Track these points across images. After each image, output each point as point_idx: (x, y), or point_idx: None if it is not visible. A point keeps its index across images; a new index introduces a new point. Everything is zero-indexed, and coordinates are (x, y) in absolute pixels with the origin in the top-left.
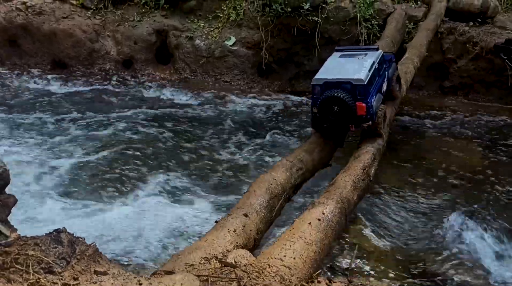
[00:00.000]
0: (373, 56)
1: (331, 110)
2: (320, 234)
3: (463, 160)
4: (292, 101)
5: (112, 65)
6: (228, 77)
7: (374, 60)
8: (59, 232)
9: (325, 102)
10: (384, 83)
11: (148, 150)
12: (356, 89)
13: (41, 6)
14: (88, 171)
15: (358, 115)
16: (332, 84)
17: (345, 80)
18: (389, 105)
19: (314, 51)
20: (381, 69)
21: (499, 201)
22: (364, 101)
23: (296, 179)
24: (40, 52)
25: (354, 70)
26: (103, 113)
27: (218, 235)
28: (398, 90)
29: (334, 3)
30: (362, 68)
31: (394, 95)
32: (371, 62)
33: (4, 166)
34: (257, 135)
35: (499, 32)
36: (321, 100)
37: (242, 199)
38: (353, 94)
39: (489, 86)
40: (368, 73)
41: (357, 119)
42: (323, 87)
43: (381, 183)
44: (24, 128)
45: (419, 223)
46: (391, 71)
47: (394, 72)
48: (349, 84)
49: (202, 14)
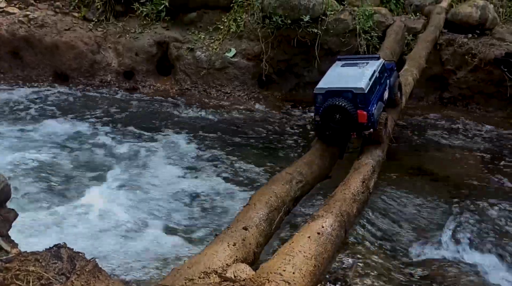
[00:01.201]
0: (374, 65)
1: (333, 118)
2: (320, 248)
3: (462, 171)
4: (292, 111)
5: (113, 77)
6: (228, 89)
7: (375, 69)
8: (59, 247)
9: (327, 110)
10: (386, 92)
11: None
12: (357, 97)
13: (43, 18)
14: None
15: (359, 123)
16: (333, 93)
17: (346, 89)
18: (390, 113)
19: (314, 63)
20: (382, 77)
21: (498, 212)
22: (365, 110)
23: (296, 192)
24: (42, 64)
25: (355, 79)
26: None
27: (218, 249)
28: (400, 98)
29: (333, 15)
30: (363, 77)
31: (396, 103)
32: (372, 71)
33: (6, 180)
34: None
35: (498, 44)
36: (323, 109)
37: (242, 212)
38: (354, 102)
39: (489, 97)
40: (368, 82)
41: (359, 127)
42: (325, 96)
43: (380, 194)
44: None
45: (419, 235)
46: (392, 79)
47: (396, 80)
48: (350, 93)
49: (202, 26)
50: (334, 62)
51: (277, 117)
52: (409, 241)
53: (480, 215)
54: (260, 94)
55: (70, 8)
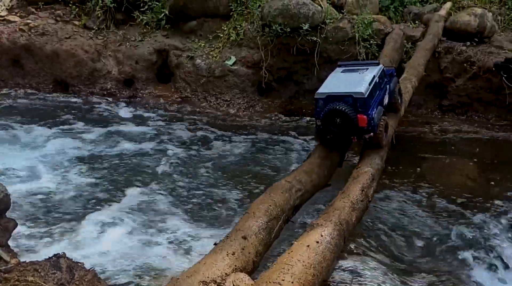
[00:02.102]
0: (374, 71)
1: (334, 123)
2: (319, 257)
3: (461, 179)
4: (290, 118)
5: (113, 85)
6: (228, 96)
7: (375, 74)
8: (58, 257)
9: (328, 115)
10: (386, 96)
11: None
12: (357, 102)
13: (44, 27)
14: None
15: (359, 127)
16: (334, 97)
17: (346, 93)
18: (391, 117)
19: (313, 70)
20: (382, 83)
21: (497, 222)
22: (365, 114)
23: (295, 200)
24: (42, 72)
25: (355, 84)
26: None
27: (217, 258)
28: (400, 103)
29: (332, 23)
30: (362, 82)
31: (395, 108)
32: (371, 76)
33: (5, 190)
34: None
35: (496, 52)
36: (324, 113)
37: (241, 221)
38: (354, 107)
39: (488, 105)
40: (368, 87)
41: (359, 131)
42: (326, 100)
43: (380, 202)
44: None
45: (421, 246)
46: (392, 85)
47: (396, 85)
48: (350, 98)
49: (202, 34)
50: (335, 69)
51: (276, 123)
52: (412, 251)
53: (480, 227)
54: (260, 102)
55: (70, 16)
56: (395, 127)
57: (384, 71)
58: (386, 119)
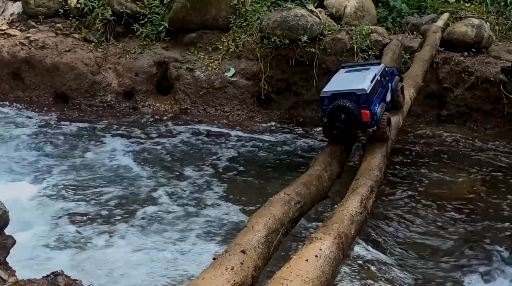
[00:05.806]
0: (375, 70)
1: (339, 119)
2: (317, 271)
3: (460, 189)
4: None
5: (113, 97)
6: (228, 108)
7: (376, 73)
8: (56, 275)
9: (333, 111)
10: (388, 94)
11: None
12: (360, 98)
13: (44, 40)
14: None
15: (363, 121)
16: (338, 95)
17: (350, 91)
18: (394, 114)
19: (312, 81)
20: (384, 81)
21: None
22: (368, 109)
23: (294, 213)
24: (42, 85)
25: (357, 82)
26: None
27: (216, 273)
28: (402, 100)
29: (331, 35)
30: (365, 80)
31: (397, 105)
32: (373, 75)
33: (4, 208)
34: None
35: (494, 62)
36: (329, 110)
37: (240, 235)
38: (357, 103)
39: (486, 114)
40: (370, 84)
41: (363, 126)
42: (330, 98)
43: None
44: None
45: (422, 257)
46: (394, 83)
47: (398, 84)
48: (353, 94)
49: (202, 46)
50: (339, 70)
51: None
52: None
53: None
54: (259, 113)
55: (71, 29)
56: (400, 123)
57: (386, 70)
58: (388, 115)
